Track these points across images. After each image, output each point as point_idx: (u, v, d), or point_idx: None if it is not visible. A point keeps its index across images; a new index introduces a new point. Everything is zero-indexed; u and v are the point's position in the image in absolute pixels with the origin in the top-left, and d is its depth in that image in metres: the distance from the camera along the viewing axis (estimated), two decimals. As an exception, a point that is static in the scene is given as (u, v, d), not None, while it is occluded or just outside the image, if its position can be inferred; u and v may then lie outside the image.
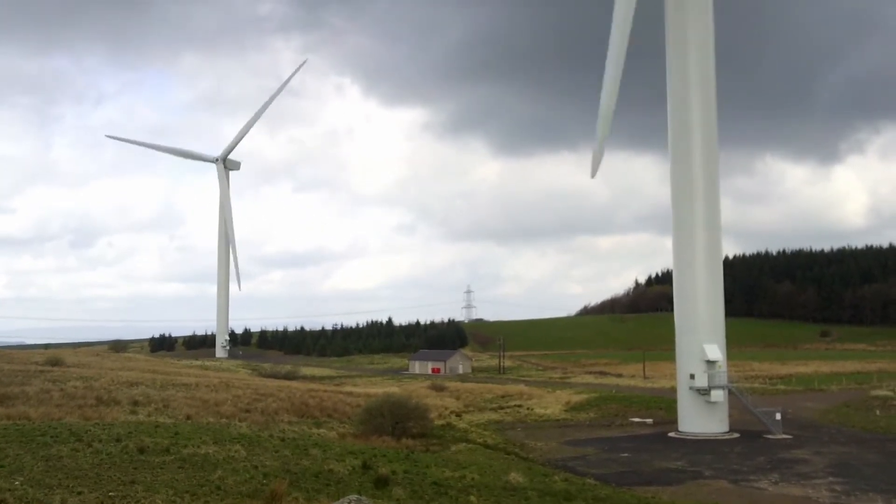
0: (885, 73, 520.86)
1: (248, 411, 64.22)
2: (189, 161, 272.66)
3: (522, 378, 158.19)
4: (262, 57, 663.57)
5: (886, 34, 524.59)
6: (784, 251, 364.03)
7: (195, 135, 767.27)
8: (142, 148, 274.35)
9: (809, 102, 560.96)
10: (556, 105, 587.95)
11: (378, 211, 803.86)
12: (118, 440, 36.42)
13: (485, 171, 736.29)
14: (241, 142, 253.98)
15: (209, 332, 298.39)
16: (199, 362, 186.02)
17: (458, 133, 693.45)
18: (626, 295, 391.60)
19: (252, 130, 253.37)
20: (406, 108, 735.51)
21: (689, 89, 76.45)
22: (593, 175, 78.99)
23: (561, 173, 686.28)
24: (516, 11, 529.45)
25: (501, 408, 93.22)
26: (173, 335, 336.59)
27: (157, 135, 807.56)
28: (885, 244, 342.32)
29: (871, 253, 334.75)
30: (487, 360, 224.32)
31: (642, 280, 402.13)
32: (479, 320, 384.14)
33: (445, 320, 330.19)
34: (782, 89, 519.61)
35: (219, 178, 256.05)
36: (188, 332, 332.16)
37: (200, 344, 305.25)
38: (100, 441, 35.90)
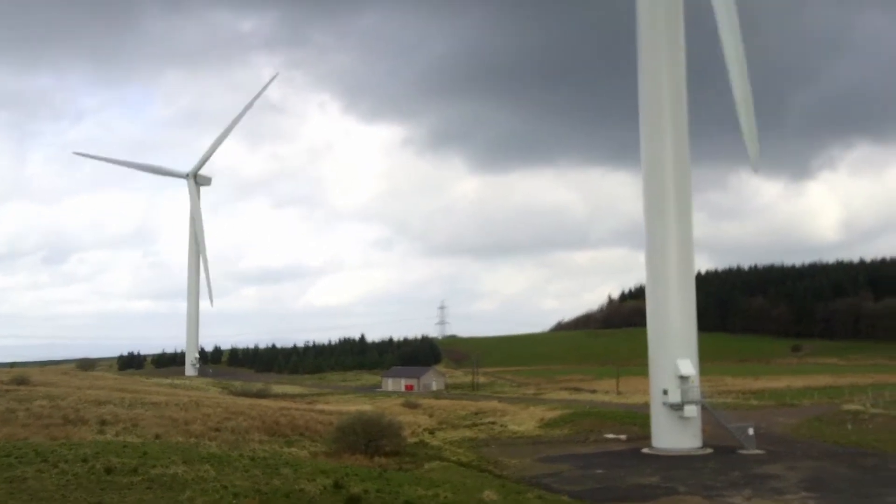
0: (856, 90, 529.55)
1: (218, 430, 63.38)
2: (165, 178, 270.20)
3: (496, 394, 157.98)
4: (245, 73, 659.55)
5: (858, 53, 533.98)
6: (756, 266, 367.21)
7: (173, 150, 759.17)
8: (117, 165, 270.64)
9: (782, 119, 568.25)
10: (534, 121, 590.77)
11: (355, 226, 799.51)
12: (85, 460, 35.76)
13: (463, 186, 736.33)
14: (219, 158, 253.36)
15: (179, 350, 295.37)
16: (168, 381, 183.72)
17: (437, 149, 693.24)
18: (601, 310, 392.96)
19: (231, 147, 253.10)
20: (385, 123, 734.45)
21: (661, 105, 77.02)
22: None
23: (539, 189, 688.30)
24: (497, 28, 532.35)
25: (475, 425, 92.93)
26: (142, 353, 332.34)
27: (136, 150, 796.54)
28: (857, 259, 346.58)
29: (843, 268, 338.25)
30: (461, 376, 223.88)
31: (616, 295, 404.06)
32: (453, 336, 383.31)
33: (419, 336, 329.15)
34: (755, 105, 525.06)
35: (189, 193, 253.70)
36: (158, 350, 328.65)
37: (170, 362, 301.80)
38: (66, 461, 35.23)
